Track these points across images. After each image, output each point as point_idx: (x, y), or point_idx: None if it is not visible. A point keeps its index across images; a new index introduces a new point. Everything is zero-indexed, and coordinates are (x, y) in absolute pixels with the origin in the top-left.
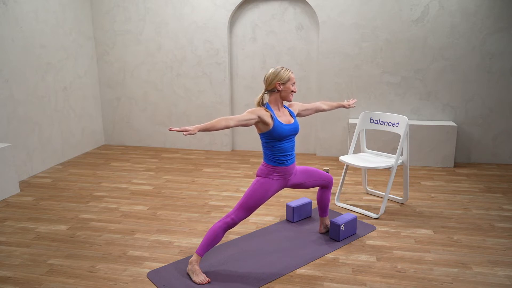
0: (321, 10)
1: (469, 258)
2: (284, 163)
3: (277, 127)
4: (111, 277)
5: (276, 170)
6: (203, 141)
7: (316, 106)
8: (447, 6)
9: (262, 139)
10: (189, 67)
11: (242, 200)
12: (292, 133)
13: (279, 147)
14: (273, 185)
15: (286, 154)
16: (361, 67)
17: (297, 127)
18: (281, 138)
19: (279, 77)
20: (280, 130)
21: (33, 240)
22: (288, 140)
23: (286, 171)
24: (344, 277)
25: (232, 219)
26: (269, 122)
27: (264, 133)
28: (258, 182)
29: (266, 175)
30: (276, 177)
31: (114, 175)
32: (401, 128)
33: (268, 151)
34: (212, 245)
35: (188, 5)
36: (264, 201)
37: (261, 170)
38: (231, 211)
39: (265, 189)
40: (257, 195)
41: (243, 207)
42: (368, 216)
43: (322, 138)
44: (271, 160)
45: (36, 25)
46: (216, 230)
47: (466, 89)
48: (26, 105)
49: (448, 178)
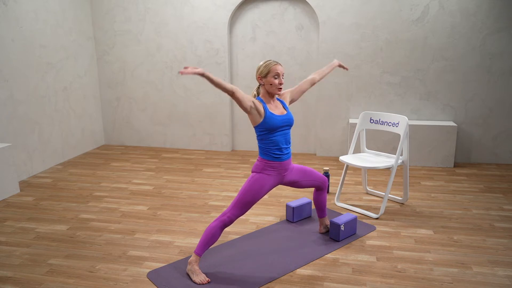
0: (321, 10)
1: (469, 258)
2: (280, 157)
3: (269, 117)
4: (111, 277)
5: (271, 165)
6: (203, 141)
7: (308, 81)
8: (447, 6)
9: (257, 132)
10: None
11: (237, 197)
12: (285, 123)
13: (272, 140)
14: (268, 180)
15: (281, 148)
16: (361, 67)
17: (290, 118)
18: (274, 129)
19: (260, 71)
20: (273, 121)
21: (33, 240)
22: (282, 132)
23: (282, 166)
24: (344, 277)
25: (228, 217)
26: (261, 111)
27: (257, 125)
28: (252, 178)
29: (261, 170)
30: (271, 172)
31: (114, 175)
32: (401, 128)
33: (262, 144)
34: (210, 244)
35: (188, 5)
36: (260, 197)
37: (256, 165)
38: (227, 209)
39: (260, 185)
40: (252, 191)
41: (239, 204)
42: (368, 216)
43: (322, 138)
44: (266, 154)
45: (36, 25)
46: (213, 229)
47: (466, 89)
48: (26, 105)
49: (448, 178)
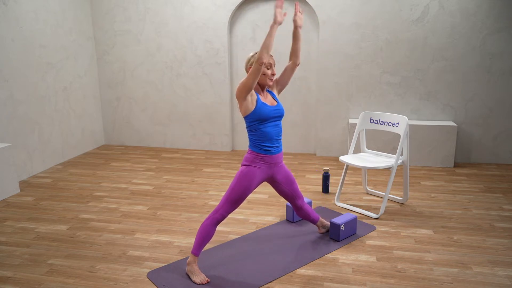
0: (321, 10)
1: (469, 258)
2: (270, 151)
3: (261, 107)
4: (111, 277)
5: (261, 158)
6: (203, 141)
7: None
8: (447, 6)
9: (247, 123)
10: (189, 67)
11: (228, 193)
12: (276, 114)
13: (263, 132)
14: (257, 174)
15: (272, 140)
16: (361, 67)
17: (281, 109)
18: (265, 119)
19: (251, 62)
20: (264, 111)
21: (33, 240)
22: (273, 124)
23: (272, 159)
24: (344, 277)
25: (220, 214)
26: (254, 99)
27: (248, 115)
28: (242, 172)
29: (250, 163)
30: (261, 165)
31: (114, 175)
32: (401, 128)
33: (252, 135)
34: (206, 243)
35: (188, 5)
36: (250, 191)
37: (246, 158)
38: (218, 206)
39: (250, 179)
40: (242, 186)
41: (230, 200)
42: (368, 216)
43: (322, 138)
44: (256, 146)
45: (36, 25)
46: (207, 227)
47: (466, 89)
48: (26, 105)
49: (448, 178)
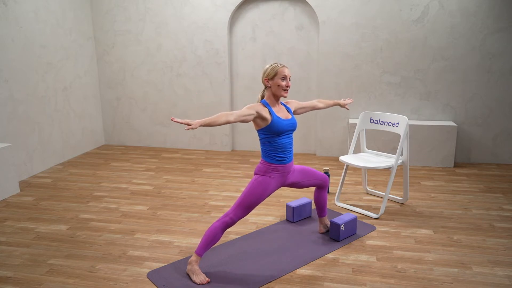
0: (321, 10)
1: (469, 258)
2: (283, 160)
3: (276, 121)
4: (111, 277)
5: (274, 168)
6: (203, 141)
7: (312, 104)
8: (447, 6)
9: (261, 135)
10: (189, 67)
11: (240, 198)
12: (290, 128)
13: (277, 143)
14: (271, 183)
15: (285, 151)
16: (361, 67)
17: (295, 123)
18: (279, 133)
19: (266, 73)
20: (279, 125)
21: (33, 240)
22: (286, 136)
23: (285, 169)
24: (344, 277)
25: (230, 218)
26: (267, 117)
27: (262, 128)
28: (256, 180)
29: (264, 173)
30: (274, 175)
31: (114, 175)
32: (401, 128)
33: (266, 147)
34: (211, 245)
35: (188, 5)
36: (263, 199)
37: (259, 168)
38: (229, 210)
39: (263, 187)
40: (255, 193)
41: (242, 205)
42: (368, 216)
43: (322, 138)
44: (269, 156)
45: (36, 25)
46: (215, 230)
47: (466, 89)
48: (26, 105)
49: (448, 178)
